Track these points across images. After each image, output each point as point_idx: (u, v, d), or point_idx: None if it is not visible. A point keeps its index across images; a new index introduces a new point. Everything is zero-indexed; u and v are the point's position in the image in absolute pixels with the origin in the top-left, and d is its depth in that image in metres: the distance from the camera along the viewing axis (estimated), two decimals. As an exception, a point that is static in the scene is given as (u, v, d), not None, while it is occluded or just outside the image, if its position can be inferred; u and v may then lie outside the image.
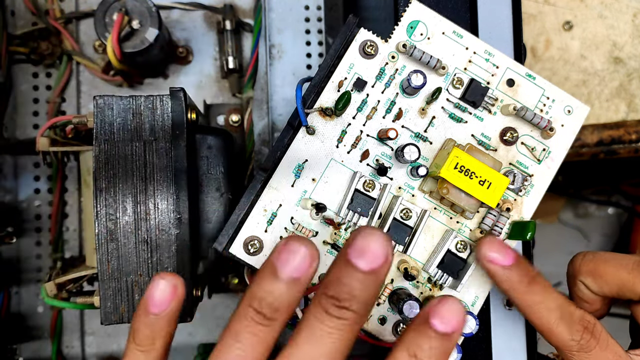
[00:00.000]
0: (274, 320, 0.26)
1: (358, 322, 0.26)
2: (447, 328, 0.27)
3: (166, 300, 0.28)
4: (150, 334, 0.28)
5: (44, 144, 0.42)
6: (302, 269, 0.26)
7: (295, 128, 0.36)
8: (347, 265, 0.25)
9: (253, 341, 0.27)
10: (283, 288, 0.26)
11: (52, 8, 0.53)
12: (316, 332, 0.26)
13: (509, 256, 0.33)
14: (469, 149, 0.35)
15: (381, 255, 0.25)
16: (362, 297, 0.26)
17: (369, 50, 0.36)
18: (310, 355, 0.26)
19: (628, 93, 0.74)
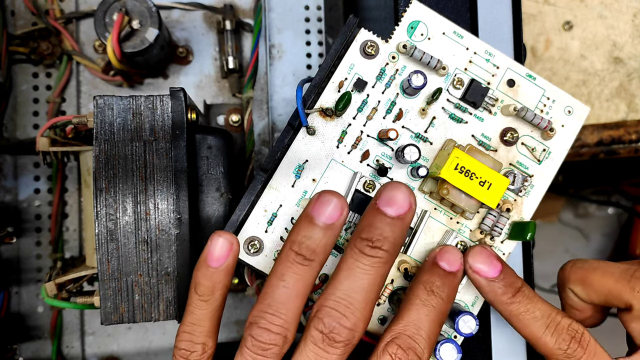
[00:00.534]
0: (312, 261, 0.30)
1: (389, 260, 0.31)
2: (452, 267, 0.33)
3: (223, 255, 0.32)
4: (211, 285, 0.32)
5: (44, 144, 0.42)
6: (335, 216, 0.30)
7: (295, 128, 0.36)
8: (378, 212, 0.30)
9: (295, 279, 0.30)
10: (319, 233, 0.30)
11: (52, 8, 0.53)
12: (354, 269, 0.30)
13: (494, 268, 0.34)
14: (469, 149, 0.35)
15: (406, 204, 0.30)
16: (392, 238, 0.30)
17: (369, 51, 0.36)
18: (351, 288, 0.30)
19: (628, 93, 0.74)
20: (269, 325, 0.30)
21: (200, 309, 0.32)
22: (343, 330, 0.30)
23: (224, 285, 0.32)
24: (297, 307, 0.31)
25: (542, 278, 1.14)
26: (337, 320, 0.30)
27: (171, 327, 0.56)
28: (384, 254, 0.30)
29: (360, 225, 0.31)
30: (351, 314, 0.30)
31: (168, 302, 0.36)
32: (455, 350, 0.34)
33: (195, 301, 0.32)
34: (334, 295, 0.30)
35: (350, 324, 0.30)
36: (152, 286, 0.36)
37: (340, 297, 0.30)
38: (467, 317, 0.34)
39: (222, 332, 0.56)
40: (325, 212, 0.30)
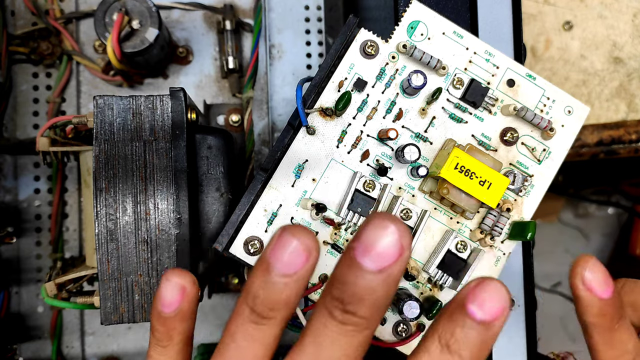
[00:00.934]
0: (270, 319, 0.25)
1: (368, 327, 0.24)
2: (486, 316, 0.23)
3: (176, 299, 0.27)
4: (166, 330, 0.28)
5: (44, 144, 0.42)
6: (297, 264, 0.23)
7: (295, 128, 0.36)
8: (352, 263, 0.22)
9: (249, 341, 0.25)
10: (278, 285, 0.24)
11: (52, 8, 0.53)
12: (321, 337, 0.24)
13: (609, 287, 0.28)
14: (469, 149, 0.35)
15: (393, 253, 0.21)
16: (371, 300, 0.23)
17: (369, 51, 0.36)
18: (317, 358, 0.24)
19: (628, 93, 0.74)
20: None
21: (159, 355, 0.29)
22: None
23: (182, 331, 0.28)
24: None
25: (542, 278, 1.14)
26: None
27: (171, 327, 0.56)
28: (358, 320, 0.23)
29: (332, 277, 0.23)
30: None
31: (168, 302, 0.36)
32: None
33: (153, 346, 0.29)
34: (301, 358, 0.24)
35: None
36: (152, 286, 0.36)
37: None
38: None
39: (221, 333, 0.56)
40: (286, 259, 0.23)
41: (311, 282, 0.36)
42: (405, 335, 0.36)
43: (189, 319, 0.28)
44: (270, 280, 0.23)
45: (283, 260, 0.23)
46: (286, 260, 0.23)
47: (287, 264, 0.23)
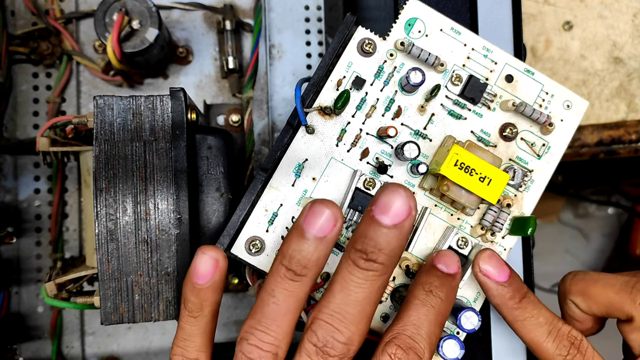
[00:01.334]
0: (303, 276, 0.29)
1: (385, 272, 0.29)
2: (450, 269, 0.33)
3: (209, 272, 0.31)
4: (198, 301, 0.31)
5: (44, 144, 0.42)
6: (327, 229, 0.29)
7: (294, 127, 0.36)
8: (372, 221, 0.28)
9: (285, 295, 0.30)
10: (310, 247, 0.29)
11: (52, 8, 0.53)
12: (348, 283, 0.29)
13: (504, 272, 0.34)
14: (469, 145, 0.35)
15: (403, 211, 0.28)
16: (388, 250, 0.29)
17: (367, 49, 0.36)
18: (345, 301, 0.29)
19: (628, 93, 0.74)
20: (259, 342, 0.30)
21: (191, 325, 0.32)
22: (337, 345, 0.29)
23: (213, 301, 0.32)
24: (287, 323, 0.30)
25: (542, 278, 1.14)
26: (330, 334, 0.29)
27: (171, 327, 0.56)
28: (379, 266, 0.29)
29: (355, 234, 0.30)
30: (345, 328, 0.29)
31: (168, 302, 0.36)
32: (458, 347, 0.34)
33: (185, 317, 0.32)
34: (328, 309, 0.29)
35: (345, 338, 0.29)
36: (152, 286, 0.36)
37: (334, 311, 0.29)
38: (470, 313, 0.34)
39: (222, 332, 0.56)
40: (317, 225, 0.29)
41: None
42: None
43: (220, 290, 0.32)
44: (305, 243, 0.29)
45: (316, 226, 0.29)
46: (318, 226, 0.29)
47: (319, 229, 0.29)
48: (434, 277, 0.32)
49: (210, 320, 0.32)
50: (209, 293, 0.31)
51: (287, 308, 0.30)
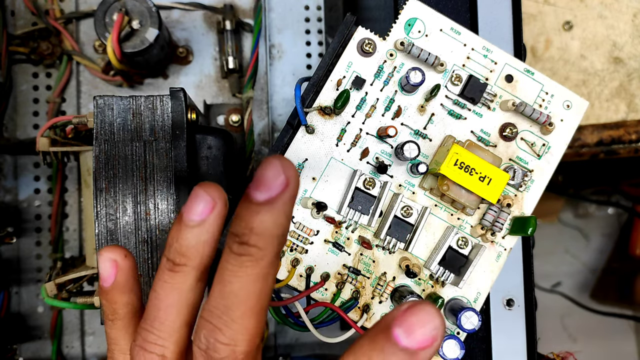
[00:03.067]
0: (183, 266, 0.26)
1: (263, 257, 0.25)
2: (412, 343, 0.22)
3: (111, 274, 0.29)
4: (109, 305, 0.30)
5: (44, 144, 0.42)
6: (204, 212, 0.26)
7: (294, 127, 0.36)
8: (245, 199, 0.24)
9: (165, 289, 0.27)
10: (187, 233, 0.26)
11: (52, 8, 0.53)
12: (223, 274, 0.25)
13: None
14: (469, 145, 0.35)
15: (277, 183, 0.24)
16: (260, 229, 0.24)
17: (367, 49, 0.36)
18: (221, 296, 0.25)
19: (628, 93, 0.74)
20: (143, 343, 0.27)
21: (111, 329, 0.30)
22: (219, 347, 0.25)
23: (125, 303, 0.30)
24: (172, 320, 0.27)
25: (542, 278, 1.14)
26: (211, 334, 0.25)
27: (171, 327, 0.56)
28: (252, 250, 0.24)
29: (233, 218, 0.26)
30: (225, 326, 0.25)
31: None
32: (458, 347, 0.34)
33: (105, 322, 0.31)
34: (208, 304, 0.26)
35: (226, 338, 0.25)
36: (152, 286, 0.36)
37: (213, 306, 0.25)
38: (470, 313, 0.34)
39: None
40: (194, 209, 0.26)
41: (313, 280, 0.36)
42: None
43: (129, 290, 0.29)
44: (182, 229, 0.26)
45: (192, 210, 0.25)
46: (195, 210, 0.25)
47: (196, 213, 0.25)
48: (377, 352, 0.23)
49: (129, 321, 0.30)
50: (116, 295, 0.29)
51: (169, 303, 0.27)
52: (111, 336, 0.30)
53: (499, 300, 0.41)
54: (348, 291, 0.36)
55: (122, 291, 0.29)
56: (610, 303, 1.09)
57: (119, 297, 0.29)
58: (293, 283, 0.36)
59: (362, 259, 0.37)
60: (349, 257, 0.36)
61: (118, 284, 0.29)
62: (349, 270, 0.36)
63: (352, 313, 0.36)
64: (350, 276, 0.36)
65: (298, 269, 0.36)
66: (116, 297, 0.29)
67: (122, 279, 0.29)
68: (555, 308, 1.11)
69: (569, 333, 1.09)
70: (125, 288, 0.29)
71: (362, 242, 0.36)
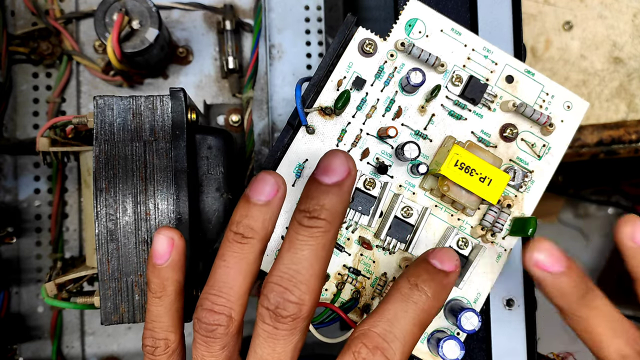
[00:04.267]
0: (251, 239, 0.30)
1: (330, 229, 0.30)
2: (444, 266, 0.31)
3: (166, 251, 0.32)
4: (160, 281, 0.32)
5: (44, 144, 0.42)
6: (270, 194, 0.30)
7: (295, 128, 0.36)
8: (314, 182, 0.30)
9: (235, 257, 0.30)
10: (255, 211, 0.30)
11: (52, 8, 0.53)
12: (294, 242, 0.30)
13: (559, 261, 0.30)
14: (469, 146, 0.35)
15: (342, 170, 0.30)
16: (329, 206, 0.29)
17: (367, 49, 0.36)
18: (293, 260, 0.29)
19: (628, 93, 0.74)
20: (212, 306, 0.30)
21: (156, 306, 0.33)
22: (288, 305, 0.29)
23: (175, 280, 0.33)
24: (239, 285, 0.30)
25: (543, 278, 1.14)
26: (281, 295, 0.29)
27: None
28: (322, 222, 0.29)
29: (300, 198, 0.31)
30: (294, 287, 0.29)
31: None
32: (458, 347, 0.34)
33: (150, 299, 0.33)
34: (277, 270, 0.30)
35: (295, 297, 0.29)
36: (152, 286, 0.36)
37: (283, 272, 0.29)
38: (470, 314, 0.34)
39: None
40: (261, 191, 0.30)
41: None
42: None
43: (180, 269, 0.33)
44: (250, 207, 0.30)
45: (259, 192, 0.30)
46: (262, 192, 0.30)
47: (263, 194, 0.30)
48: (422, 271, 0.31)
49: (174, 299, 0.33)
50: (169, 272, 0.32)
51: (238, 270, 0.30)
52: (155, 313, 0.33)
53: (499, 300, 0.41)
54: (348, 291, 0.36)
55: (175, 269, 0.32)
56: (610, 303, 1.09)
57: (171, 274, 0.32)
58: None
59: (362, 260, 0.37)
60: (349, 258, 0.37)
61: (173, 261, 0.32)
62: (349, 270, 0.36)
63: (352, 313, 0.36)
64: (351, 276, 0.36)
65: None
66: (168, 274, 0.32)
67: (176, 257, 0.32)
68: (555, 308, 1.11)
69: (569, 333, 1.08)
70: (177, 266, 0.32)
71: (362, 242, 0.36)
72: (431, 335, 0.36)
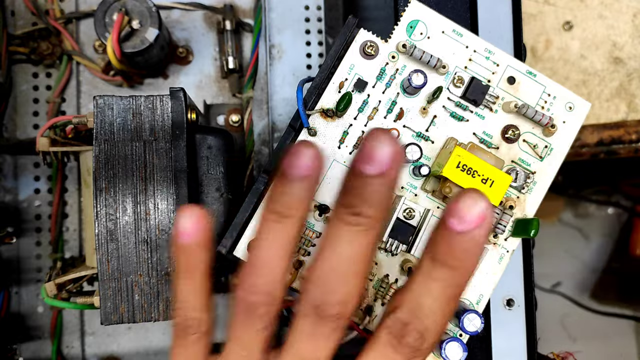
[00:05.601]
0: (290, 217, 0.28)
1: (374, 226, 0.27)
2: (465, 226, 0.26)
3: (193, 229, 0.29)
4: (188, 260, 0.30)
5: (44, 144, 0.42)
6: (308, 167, 0.27)
7: (296, 130, 0.36)
8: (356, 172, 0.26)
9: (275, 235, 0.28)
10: (293, 187, 0.27)
11: (52, 8, 0.53)
12: (335, 241, 0.27)
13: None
14: (471, 147, 0.35)
15: (386, 158, 0.25)
16: (374, 201, 0.26)
17: (369, 51, 0.36)
18: (335, 260, 0.27)
19: (628, 93, 0.74)
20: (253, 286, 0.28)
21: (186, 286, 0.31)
22: (332, 304, 0.27)
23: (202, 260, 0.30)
24: (281, 263, 0.28)
25: (542, 278, 1.14)
26: (324, 294, 0.27)
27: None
28: (365, 220, 0.26)
29: (340, 190, 0.27)
30: (338, 287, 0.27)
31: (168, 302, 0.36)
32: (461, 349, 0.34)
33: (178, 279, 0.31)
34: (319, 269, 0.28)
35: (338, 297, 0.27)
36: (152, 286, 0.36)
37: (325, 271, 0.27)
38: (472, 316, 0.34)
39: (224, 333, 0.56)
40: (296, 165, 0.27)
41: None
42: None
43: (207, 248, 0.30)
44: (287, 184, 0.27)
45: (296, 167, 0.26)
46: (298, 166, 0.26)
47: (301, 168, 0.26)
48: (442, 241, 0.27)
49: (204, 278, 0.31)
50: (198, 250, 0.30)
51: (279, 246, 0.28)
52: (185, 293, 0.30)
53: (499, 300, 0.41)
54: (349, 293, 0.36)
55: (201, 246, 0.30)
56: (610, 303, 1.09)
57: (199, 253, 0.30)
58: (295, 285, 0.36)
59: (364, 261, 0.36)
60: (351, 259, 0.36)
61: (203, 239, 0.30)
62: (350, 272, 0.36)
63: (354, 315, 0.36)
64: (352, 278, 0.36)
65: (300, 271, 0.36)
66: (197, 252, 0.30)
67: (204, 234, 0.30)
68: (555, 308, 1.11)
69: (569, 333, 1.09)
70: (208, 244, 0.30)
71: (364, 244, 0.36)
72: (432, 337, 0.36)
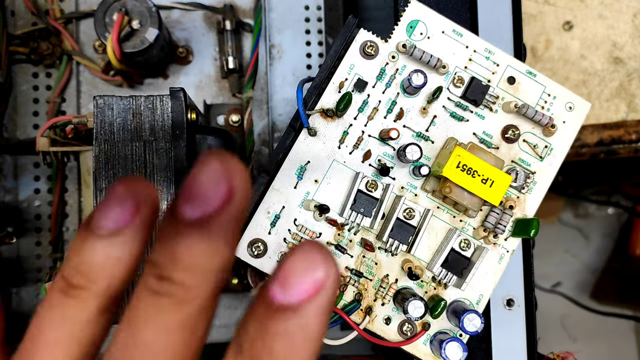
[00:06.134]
0: (82, 290, 0.19)
1: (190, 301, 0.18)
2: (288, 298, 0.17)
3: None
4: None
5: (44, 144, 0.42)
6: (122, 218, 0.18)
7: (296, 130, 0.36)
8: (171, 215, 0.17)
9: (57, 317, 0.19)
10: (95, 244, 0.18)
11: (52, 8, 0.53)
12: (133, 315, 0.18)
13: None
14: (471, 147, 0.35)
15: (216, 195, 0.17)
16: (189, 261, 0.17)
17: (369, 51, 0.36)
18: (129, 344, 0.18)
19: (628, 93, 0.74)
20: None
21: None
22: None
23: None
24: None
25: (542, 278, 1.14)
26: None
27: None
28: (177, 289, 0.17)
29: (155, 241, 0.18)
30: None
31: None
32: (461, 349, 0.34)
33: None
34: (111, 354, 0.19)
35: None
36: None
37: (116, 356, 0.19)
38: (472, 316, 0.34)
39: (222, 333, 0.56)
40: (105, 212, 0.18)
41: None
42: (410, 335, 0.36)
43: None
44: (88, 241, 0.18)
45: (106, 214, 0.18)
46: (109, 214, 0.18)
47: (110, 219, 0.18)
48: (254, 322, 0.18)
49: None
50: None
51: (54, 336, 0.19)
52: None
53: (499, 300, 0.41)
54: (350, 293, 0.36)
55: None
56: (610, 303, 1.09)
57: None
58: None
59: (365, 261, 0.36)
60: (352, 260, 0.36)
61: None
62: (351, 272, 0.36)
63: (354, 315, 0.36)
64: (353, 278, 0.36)
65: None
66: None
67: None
68: (555, 308, 1.11)
69: (569, 333, 1.09)
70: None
71: (365, 244, 0.36)
72: (434, 337, 0.36)
